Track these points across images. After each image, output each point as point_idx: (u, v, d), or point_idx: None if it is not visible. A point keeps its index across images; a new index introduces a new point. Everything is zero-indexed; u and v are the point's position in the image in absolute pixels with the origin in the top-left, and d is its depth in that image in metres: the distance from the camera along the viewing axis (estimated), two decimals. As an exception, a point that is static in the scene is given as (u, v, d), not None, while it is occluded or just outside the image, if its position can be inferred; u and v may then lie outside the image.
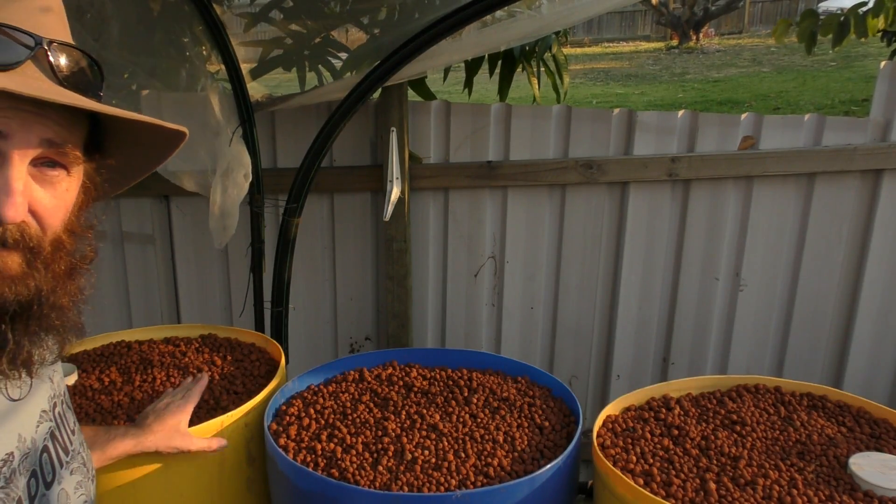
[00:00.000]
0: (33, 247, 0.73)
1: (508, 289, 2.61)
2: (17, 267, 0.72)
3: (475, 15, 1.77)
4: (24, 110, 0.69)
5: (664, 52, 16.65)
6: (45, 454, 0.85)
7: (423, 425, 1.75)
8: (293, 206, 2.21)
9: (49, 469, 0.85)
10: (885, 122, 2.37)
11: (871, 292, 2.48)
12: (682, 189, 2.46)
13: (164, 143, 0.86)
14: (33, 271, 0.74)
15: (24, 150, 0.70)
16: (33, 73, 0.71)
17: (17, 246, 0.71)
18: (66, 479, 0.88)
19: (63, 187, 0.76)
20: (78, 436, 0.95)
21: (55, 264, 0.76)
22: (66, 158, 0.75)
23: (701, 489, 1.46)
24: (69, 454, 0.90)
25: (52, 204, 0.75)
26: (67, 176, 0.77)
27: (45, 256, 0.75)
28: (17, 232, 0.71)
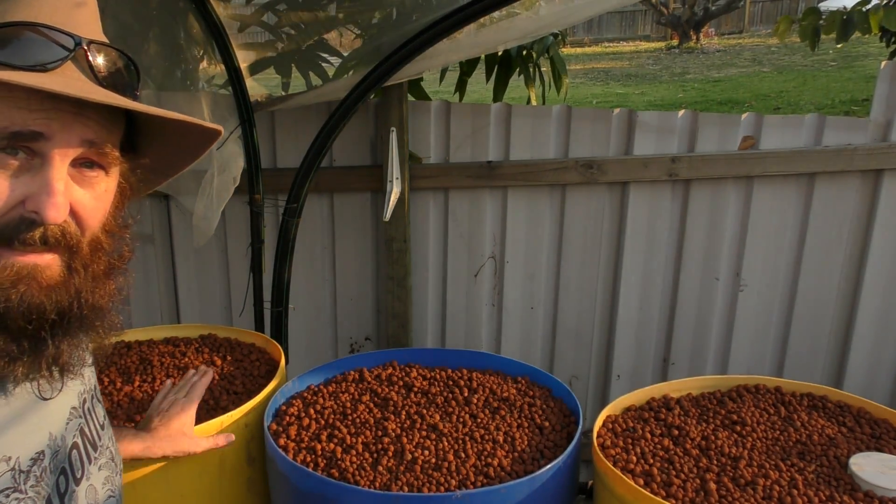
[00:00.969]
0: (72, 246, 0.73)
1: (508, 289, 2.61)
2: (57, 271, 0.73)
3: (474, 15, 1.77)
4: (65, 111, 0.70)
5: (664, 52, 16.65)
6: (75, 451, 0.85)
7: (423, 425, 1.75)
8: (293, 206, 2.21)
9: (78, 465, 0.85)
10: (886, 122, 2.37)
11: (871, 292, 2.47)
12: (682, 189, 2.46)
13: (197, 141, 0.86)
14: (73, 275, 0.74)
15: (65, 151, 0.70)
16: (73, 74, 0.71)
17: (57, 245, 0.72)
18: (94, 475, 0.88)
19: (102, 188, 0.77)
20: (107, 430, 0.95)
21: (94, 265, 0.77)
22: (105, 159, 0.75)
23: (701, 489, 1.46)
24: (97, 449, 0.90)
25: (92, 205, 0.75)
26: (106, 176, 0.77)
27: (83, 257, 0.75)
28: (58, 231, 0.71)
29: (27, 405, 0.78)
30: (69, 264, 0.74)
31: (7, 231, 0.69)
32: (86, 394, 0.91)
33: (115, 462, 0.94)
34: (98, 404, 0.94)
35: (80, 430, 0.87)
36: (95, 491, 0.88)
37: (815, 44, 3.65)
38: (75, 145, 0.71)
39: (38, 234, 0.69)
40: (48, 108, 0.69)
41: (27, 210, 0.69)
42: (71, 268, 0.74)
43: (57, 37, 0.70)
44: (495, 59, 2.76)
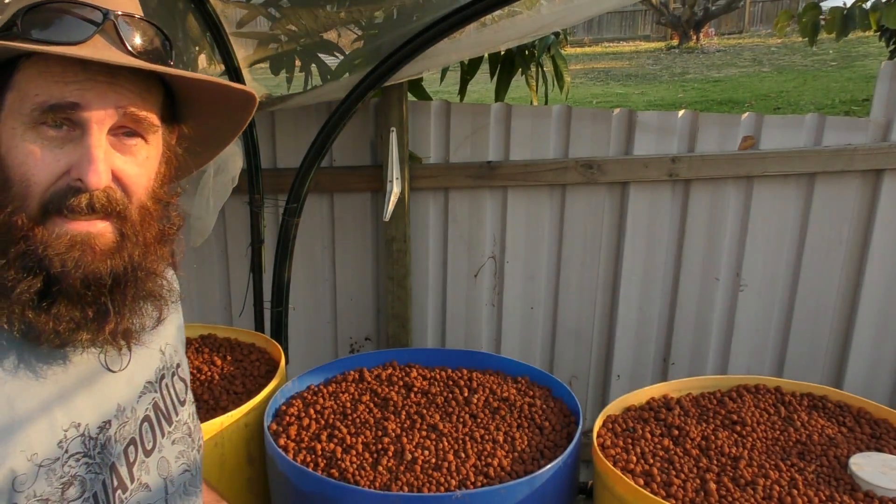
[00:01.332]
0: (120, 211, 0.76)
1: (508, 289, 2.61)
2: (110, 238, 0.76)
3: (475, 15, 1.77)
4: (99, 81, 0.73)
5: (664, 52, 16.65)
6: (147, 423, 0.89)
7: (423, 425, 1.75)
8: (293, 206, 2.21)
9: (150, 438, 0.89)
10: (886, 122, 2.37)
11: (871, 292, 2.47)
12: (682, 189, 2.46)
13: (235, 108, 0.89)
14: (125, 241, 0.77)
15: (102, 119, 0.74)
16: (103, 45, 0.75)
17: (105, 212, 0.75)
18: (166, 448, 0.91)
19: (143, 155, 0.79)
20: (188, 407, 0.98)
21: (144, 231, 0.80)
22: (141, 126, 0.78)
23: (701, 489, 1.46)
24: (172, 424, 0.93)
25: (134, 171, 0.78)
26: (146, 144, 0.80)
27: (133, 224, 0.78)
28: (103, 197, 0.74)
29: (95, 375, 0.83)
30: (121, 231, 0.77)
31: (56, 199, 0.73)
32: (165, 370, 0.95)
33: (192, 438, 0.97)
34: (179, 382, 0.98)
35: (153, 405, 0.91)
36: (168, 463, 0.91)
37: (814, 40, 3.65)
38: (111, 113, 0.74)
39: (83, 200, 0.73)
40: (82, 79, 0.72)
41: (72, 178, 0.73)
42: (123, 234, 0.77)
43: (86, 12, 0.74)
44: (498, 58, 2.76)
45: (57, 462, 0.76)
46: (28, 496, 0.73)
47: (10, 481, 0.72)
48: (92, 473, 0.79)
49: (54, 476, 0.76)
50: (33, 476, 0.74)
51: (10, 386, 0.74)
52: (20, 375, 0.76)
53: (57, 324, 0.73)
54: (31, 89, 0.73)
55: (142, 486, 0.86)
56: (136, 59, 0.77)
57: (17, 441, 0.73)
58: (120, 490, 0.83)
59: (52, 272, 0.73)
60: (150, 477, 0.87)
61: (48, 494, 0.75)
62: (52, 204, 0.73)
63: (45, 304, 0.73)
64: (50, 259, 0.72)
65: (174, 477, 0.92)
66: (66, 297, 0.74)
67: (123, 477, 0.84)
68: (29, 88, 0.73)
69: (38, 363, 0.77)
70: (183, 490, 0.93)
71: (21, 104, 0.73)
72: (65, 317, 0.74)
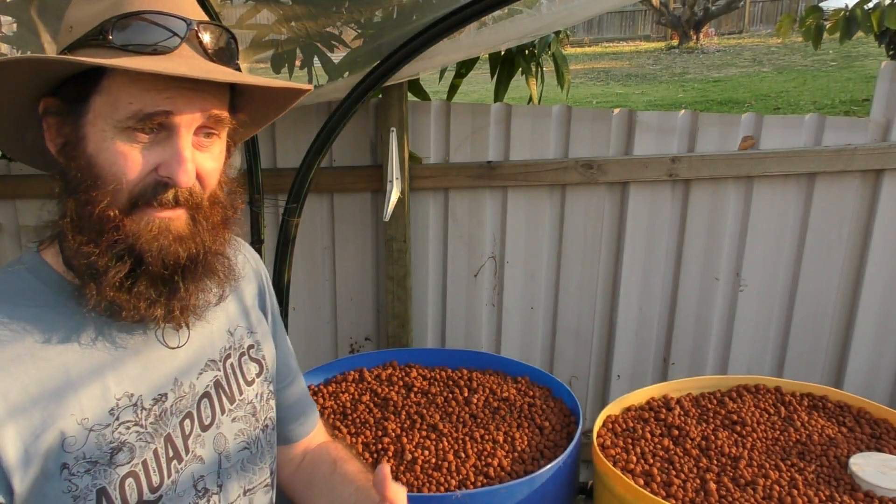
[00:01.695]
0: (197, 204, 0.84)
1: (508, 289, 2.61)
2: (184, 225, 0.83)
3: (475, 15, 1.77)
4: (186, 88, 0.79)
5: (664, 52, 16.65)
6: (206, 399, 0.94)
7: (423, 425, 1.75)
8: (293, 206, 2.20)
9: (208, 413, 0.94)
10: (886, 122, 2.37)
11: (871, 292, 2.47)
12: (682, 189, 2.46)
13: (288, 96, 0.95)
14: (197, 227, 0.84)
15: (189, 123, 0.80)
16: (189, 54, 0.81)
17: (185, 204, 0.83)
18: (224, 425, 0.96)
19: (217, 150, 0.87)
20: (256, 388, 1.02)
21: (212, 217, 0.87)
22: (220, 125, 0.85)
23: (701, 489, 1.46)
24: (234, 402, 0.98)
25: (212, 167, 0.86)
26: (219, 140, 0.87)
27: (204, 211, 0.85)
28: (186, 193, 0.82)
29: (152, 351, 0.89)
30: (194, 217, 0.84)
31: (145, 194, 0.80)
32: (231, 350, 0.99)
33: (256, 418, 1.01)
34: (251, 362, 1.02)
35: (215, 383, 0.95)
36: (225, 440, 0.95)
37: (819, 42, 3.65)
38: (197, 117, 0.81)
39: (171, 195, 0.81)
40: (171, 87, 0.78)
41: (160, 175, 0.80)
42: (195, 220, 0.84)
43: (171, 22, 0.80)
44: (498, 58, 2.75)
45: (107, 428, 0.82)
46: (77, 457, 0.80)
47: (60, 442, 0.79)
48: (143, 442, 0.85)
49: (104, 440, 0.82)
50: (83, 439, 0.80)
51: (67, 355, 0.81)
52: (79, 347, 0.83)
53: (137, 301, 0.81)
54: (124, 97, 0.77)
55: (196, 458, 0.91)
56: (216, 64, 0.83)
57: (69, 405, 0.80)
58: (175, 460, 0.88)
59: (141, 257, 0.80)
60: (204, 450, 0.92)
61: (97, 457, 0.81)
62: (141, 198, 0.80)
63: (127, 284, 0.80)
64: (140, 247, 0.80)
65: (230, 453, 0.96)
66: (148, 277, 0.81)
67: (179, 448, 0.89)
68: (121, 96, 0.77)
69: (96, 338, 0.84)
70: (240, 466, 0.97)
71: (113, 110, 0.78)
72: (144, 295, 0.81)
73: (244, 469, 0.98)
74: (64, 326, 0.82)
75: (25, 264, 0.86)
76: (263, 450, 1.02)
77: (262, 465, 1.02)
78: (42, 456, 0.78)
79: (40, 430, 0.77)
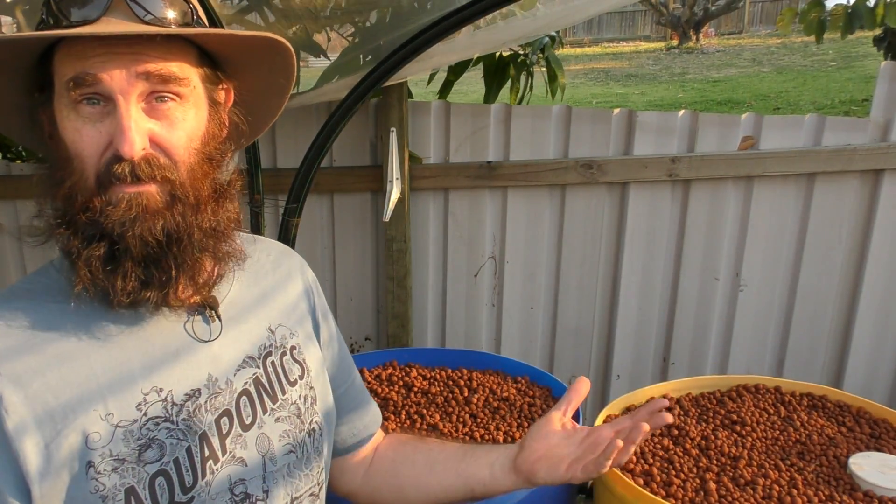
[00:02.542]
0: (166, 176, 0.79)
1: (508, 289, 2.61)
2: (159, 199, 0.79)
3: (475, 15, 1.77)
4: (119, 53, 0.76)
5: (664, 52, 16.66)
6: (245, 397, 0.89)
7: (423, 425, 1.75)
8: (293, 206, 2.20)
9: (249, 412, 0.89)
10: (885, 122, 2.37)
11: (871, 292, 2.48)
12: (682, 189, 2.46)
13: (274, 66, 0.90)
14: (176, 202, 0.80)
15: (126, 89, 0.76)
16: (115, 21, 0.78)
17: (151, 178, 0.78)
18: (267, 425, 0.91)
19: (178, 116, 0.81)
20: (299, 390, 0.97)
21: (196, 191, 0.82)
22: (171, 88, 0.79)
23: (701, 489, 1.46)
24: (277, 402, 0.93)
25: (172, 134, 0.80)
26: (181, 105, 0.81)
27: (182, 184, 0.80)
28: (144, 165, 0.77)
29: (181, 344, 0.85)
30: (171, 193, 0.80)
31: (105, 170, 0.77)
32: (272, 348, 0.95)
33: (301, 420, 0.96)
34: (294, 363, 0.98)
35: (254, 380, 0.91)
36: (269, 440, 0.91)
37: (821, 35, 3.62)
38: (134, 81, 0.77)
39: (126, 168, 0.76)
40: (101, 52, 0.75)
41: (114, 149, 0.77)
42: (173, 196, 0.80)
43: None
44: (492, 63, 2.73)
45: (135, 424, 0.79)
46: (103, 454, 0.77)
47: (84, 439, 0.76)
48: (174, 439, 0.81)
49: (132, 437, 0.79)
50: (109, 436, 0.77)
51: (91, 349, 0.80)
52: (103, 340, 0.81)
53: (125, 282, 0.77)
54: (63, 70, 0.77)
55: (235, 460, 0.86)
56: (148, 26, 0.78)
57: (94, 401, 0.77)
58: (211, 460, 0.84)
59: (114, 234, 0.77)
60: (246, 451, 0.88)
61: (125, 455, 0.78)
62: (104, 175, 0.77)
63: (111, 266, 0.78)
64: (111, 224, 0.77)
65: (276, 456, 0.91)
66: (130, 257, 0.78)
67: (215, 447, 0.85)
68: (61, 69, 0.77)
69: (120, 330, 0.82)
70: (287, 471, 0.92)
71: (60, 86, 0.78)
72: (130, 275, 0.78)
73: (290, 475, 0.93)
74: (87, 322, 0.81)
75: (54, 263, 0.86)
76: (310, 455, 0.97)
77: (309, 472, 0.96)
78: (66, 456, 0.75)
79: (63, 428, 0.75)
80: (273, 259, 1.06)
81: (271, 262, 1.05)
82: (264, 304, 0.98)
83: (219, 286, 0.90)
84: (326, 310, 1.11)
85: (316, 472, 0.98)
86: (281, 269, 1.05)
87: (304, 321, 1.04)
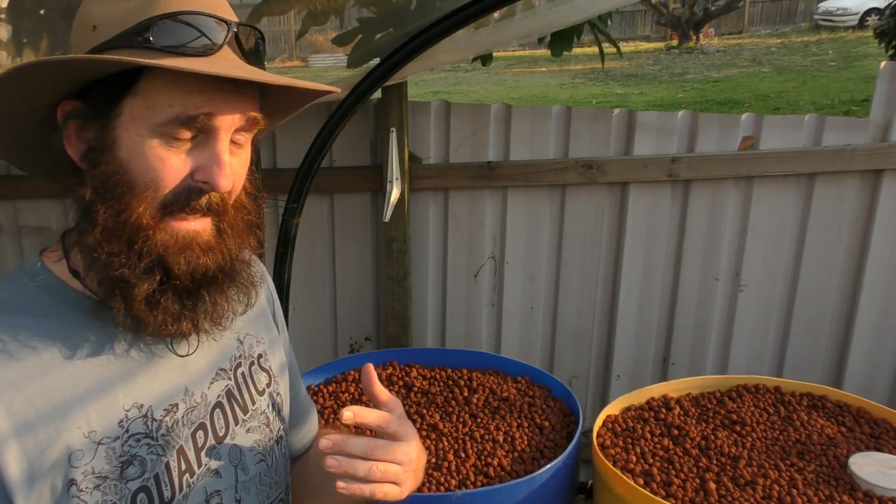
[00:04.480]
0: (223, 210, 0.80)
1: (508, 289, 2.61)
2: (211, 233, 0.80)
3: (475, 15, 1.77)
4: (226, 90, 0.76)
5: (664, 52, 16.65)
6: (218, 410, 0.89)
7: (423, 425, 1.75)
8: (293, 206, 2.20)
9: (222, 424, 0.89)
10: (885, 122, 2.37)
11: (871, 292, 2.48)
12: (682, 189, 2.46)
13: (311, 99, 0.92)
14: (223, 235, 0.81)
15: (229, 126, 0.77)
16: (230, 56, 0.79)
17: (215, 211, 0.79)
18: (239, 436, 0.91)
19: (246, 153, 0.83)
20: (268, 398, 0.97)
21: (237, 223, 0.83)
22: (255, 127, 0.81)
23: (701, 489, 1.46)
24: (248, 413, 0.93)
25: (241, 171, 0.82)
26: (245, 144, 0.83)
27: (230, 218, 0.82)
28: (219, 198, 0.79)
29: (161, 359, 0.84)
30: (219, 226, 0.81)
31: (178, 200, 0.76)
32: (242, 359, 0.95)
33: (270, 429, 0.96)
34: (261, 372, 0.98)
35: (227, 392, 0.91)
36: (241, 452, 0.91)
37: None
38: (237, 119, 0.78)
39: (204, 201, 0.77)
40: (213, 89, 0.75)
41: (196, 180, 0.77)
42: (220, 229, 0.81)
43: (212, 23, 0.77)
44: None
45: (117, 441, 0.79)
46: (85, 472, 0.76)
47: (67, 456, 0.75)
48: (154, 454, 0.81)
49: (113, 454, 0.78)
50: (91, 452, 0.77)
51: (73, 366, 0.78)
52: (85, 356, 0.79)
53: (165, 316, 0.77)
54: (164, 99, 0.74)
55: (210, 472, 0.87)
56: (253, 67, 0.80)
57: (76, 418, 0.76)
58: (187, 474, 0.84)
59: (170, 271, 0.76)
60: (220, 463, 0.88)
61: (107, 472, 0.77)
62: (173, 205, 0.76)
63: (154, 298, 0.77)
64: (168, 259, 0.76)
65: (248, 466, 0.92)
66: (175, 291, 0.77)
67: (191, 461, 0.85)
68: (161, 98, 0.74)
69: (103, 346, 0.81)
70: (258, 480, 0.93)
71: (152, 113, 0.74)
72: (170, 310, 0.78)
73: (261, 483, 0.94)
74: (69, 337, 0.79)
75: (28, 273, 0.83)
76: (278, 462, 0.97)
77: (278, 479, 0.97)
78: (48, 472, 0.74)
79: (45, 444, 0.74)
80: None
81: None
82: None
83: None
84: (282, 317, 1.11)
85: (284, 477, 0.99)
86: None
87: (269, 327, 1.04)
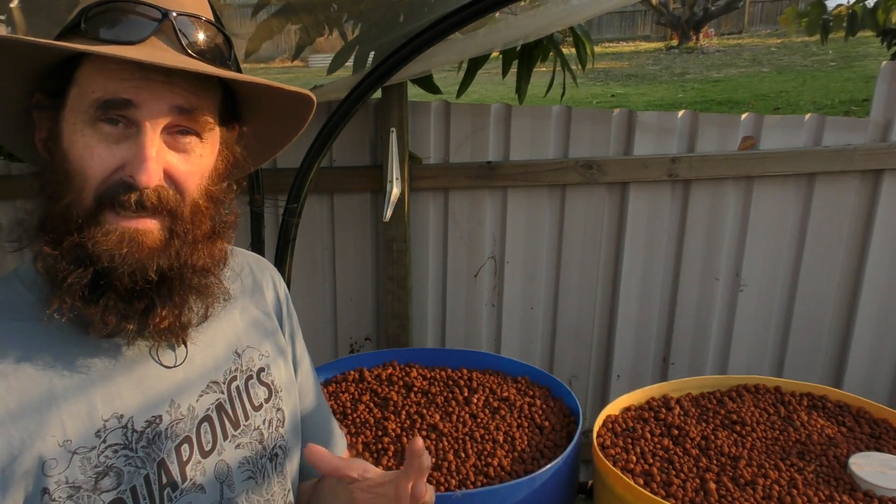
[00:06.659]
0: (171, 209, 0.78)
1: (508, 289, 2.61)
2: (157, 235, 0.77)
3: (475, 15, 1.77)
4: (154, 80, 0.74)
5: (664, 52, 16.66)
6: (206, 423, 0.87)
7: (423, 425, 1.75)
8: (293, 206, 2.20)
9: (209, 439, 0.87)
10: (885, 122, 2.37)
11: (871, 292, 2.48)
12: (682, 189, 2.46)
13: (293, 110, 0.90)
14: (174, 239, 0.78)
15: (155, 118, 0.75)
16: (161, 46, 0.77)
17: (154, 210, 0.76)
18: (227, 452, 0.89)
19: (196, 153, 0.80)
20: (264, 414, 0.95)
21: (195, 229, 0.81)
22: (196, 124, 0.79)
23: (701, 489, 1.46)
24: (239, 428, 0.91)
25: (187, 169, 0.79)
26: (200, 142, 0.80)
27: (184, 221, 0.79)
28: (153, 196, 0.75)
29: (145, 370, 0.83)
30: (171, 228, 0.78)
31: (109, 194, 0.75)
32: (238, 372, 0.93)
33: (263, 446, 0.94)
34: (260, 386, 0.95)
35: (217, 406, 0.89)
36: (228, 468, 0.88)
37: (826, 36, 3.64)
38: (164, 112, 0.75)
39: (133, 197, 0.74)
40: (137, 77, 0.74)
41: (125, 174, 0.75)
42: (172, 232, 0.78)
43: (147, 11, 0.76)
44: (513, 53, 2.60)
45: (93, 451, 0.77)
46: (59, 481, 0.74)
47: (40, 465, 0.73)
48: (131, 467, 0.79)
49: (89, 465, 0.76)
50: (66, 462, 0.75)
51: (52, 372, 0.76)
52: (64, 364, 0.78)
53: (105, 314, 0.75)
54: (90, 86, 0.75)
55: (195, 487, 0.84)
56: (192, 59, 0.77)
57: (50, 426, 0.75)
58: (169, 488, 0.82)
59: (101, 267, 0.74)
60: (205, 478, 0.85)
61: (81, 482, 0.75)
62: (104, 198, 0.75)
63: (94, 295, 0.75)
64: (99, 254, 0.74)
65: (234, 482, 0.89)
66: (114, 290, 0.75)
67: (174, 475, 0.82)
68: (88, 85, 0.75)
69: (84, 354, 0.79)
70: (246, 497, 0.90)
71: (81, 100, 0.75)
72: (112, 308, 0.76)
73: (248, 501, 0.91)
74: (50, 341, 0.77)
75: (20, 274, 0.82)
76: (271, 478, 0.94)
77: (270, 497, 0.94)
78: (21, 479, 0.72)
79: (18, 451, 0.72)
80: (245, 274, 1.03)
81: (242, 277, 1.02)
82: (232, 325, 0.95)
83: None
84: (296, 328, 1.07)
85: (280, 496, 0.96)
86: (253, 284, 1.03)
87: (275, 336, 1.01)
